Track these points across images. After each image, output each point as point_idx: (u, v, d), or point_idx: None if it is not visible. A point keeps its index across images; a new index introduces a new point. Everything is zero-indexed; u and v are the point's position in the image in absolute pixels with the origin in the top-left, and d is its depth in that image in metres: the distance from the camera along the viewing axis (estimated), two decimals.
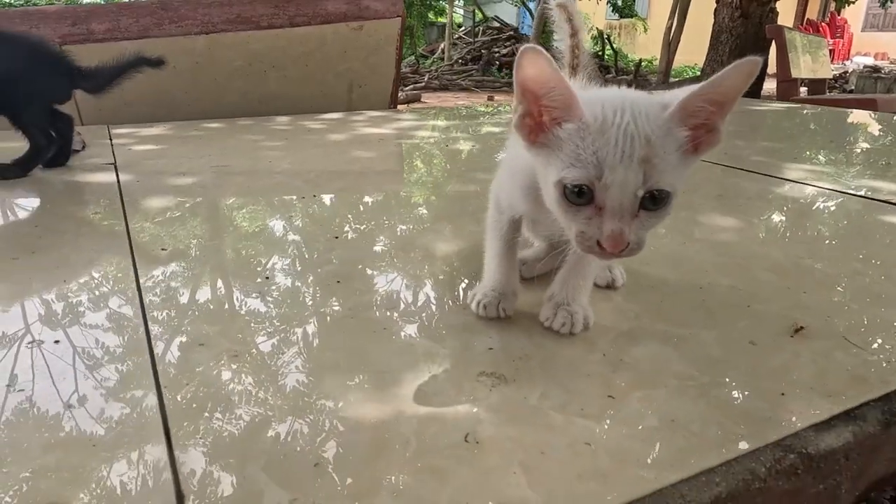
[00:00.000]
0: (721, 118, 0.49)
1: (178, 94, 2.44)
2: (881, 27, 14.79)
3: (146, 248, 0.90)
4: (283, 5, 2.42)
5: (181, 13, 2.35)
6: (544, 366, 0.58)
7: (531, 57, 0.47)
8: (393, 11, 2.55)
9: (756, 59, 0.45)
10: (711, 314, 0.68)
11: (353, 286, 0.75)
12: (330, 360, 0.59)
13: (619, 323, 0.66)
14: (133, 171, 1.37)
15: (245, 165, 1.45)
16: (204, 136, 1.84)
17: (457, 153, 1.62)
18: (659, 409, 0.51)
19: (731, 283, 0.76)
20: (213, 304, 0.72)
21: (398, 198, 1.19)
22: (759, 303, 0.71)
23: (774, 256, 0.85)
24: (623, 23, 13.56)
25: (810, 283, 0.77)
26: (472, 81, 9.13)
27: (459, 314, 0.68)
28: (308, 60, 2.52)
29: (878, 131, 2.14)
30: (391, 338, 0.63)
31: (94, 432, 0.48)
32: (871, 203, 1.14)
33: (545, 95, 0.49)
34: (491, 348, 0.61)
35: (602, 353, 0.60)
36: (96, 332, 0.64)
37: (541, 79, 0.48)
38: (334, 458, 0.45)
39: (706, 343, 0.62)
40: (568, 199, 0.49)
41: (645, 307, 0.69)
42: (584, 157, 0.47)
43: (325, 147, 1.68)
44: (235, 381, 0.55)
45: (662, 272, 0.79)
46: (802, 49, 4.28)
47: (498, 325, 0.65)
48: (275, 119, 2.14)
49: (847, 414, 0.51)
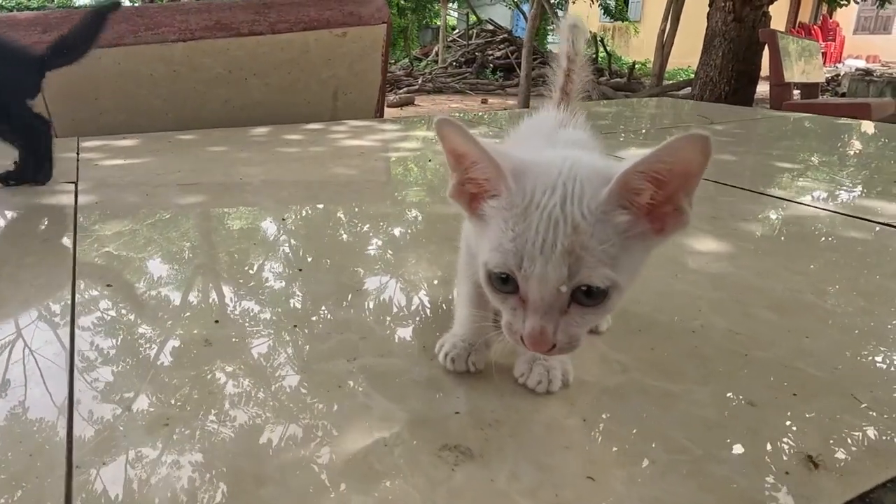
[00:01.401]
0: (684, 196, 0.41)
1: (157, 102, 2.36)
2: (872, 30, 14.86)
3: (91, 282, 0.82)
4: (263, 11, 2.35)
5: (158, 20, 2.27)
6: (517, 434, 0.51)
7: (446, 130, 0.41)
8: (378, 17, 2.48)
9: (705, 136, 0.37)
10: (706, 364, 0.61)
11: (311, 331, 0.68)
12: (267, 426, 0.52)
13: (603, 377, 0.59)
14: (94, 191, 1.29)
15: (215, 181, 1.38)
16: (177, 149, 1.77)
17: (440, 168, 1.55)
18: (646, 494, 0.44)
19: (727, 326, 0.69)
20: (151, 359, 0.64)
21: (373, 221, 1.12)
22: (759, 349, 0.64)
23: (773, 290, 0.79)
24: (617, 25, 13.56)
25: (813, 323, 0.70)
26: (466, 84, 9.08)
27: (426, 366, 0.61)
28: (291, 68, 2.44)
29: (882, 145, 2.08)
30: (345, 397, 0.56)
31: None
32: (875, 227, 1.08)
33: (469, 168, 0.43)
34: (457, 412, 0.54)
35: (582, 416, 0.53)
36: (9, 404, 0.57)
37: (460, 151, 0.42)
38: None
39: (700, 403, 0.55)
40: (493, 285, 0.43)
41: (633, 356, 0.62)
42: (504, 244, 0.41)
43: (303, 161, 1.61)
44: (165, 449, 0.48)
45: (653, 311, 0.72)
46: (795, 53, 4.24)
47: (467, 382, 0.58)
48: (253, 130, 2.07)
49: (862, 500, 0.44)
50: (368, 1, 2.47)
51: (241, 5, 2.36)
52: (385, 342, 0.66)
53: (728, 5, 4.84)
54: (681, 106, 3.01)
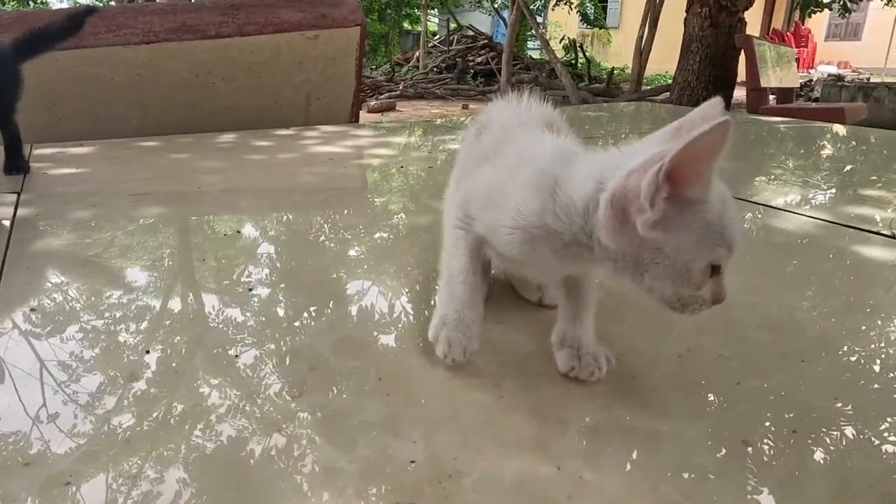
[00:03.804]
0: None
1: (120, 107, 2.25)
2: (843, 37, 15.23)
3: (13, 307, 0.73)
4: (231, 13, 2.26)
5: (119, 21, 2.17)
6: (481, 489, 0.44)
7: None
8: (351, 20, 2.40)
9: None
10: (695, 396, 0.55)
11: (250, 365, 0.60)
12: (188, 492, 0.44)
13: (583, 413, 0.52)
14: (38, 202, 1.19)
15: (171, 190, 1.29)
16: (135, 157, 1.67)
17: (412, 176, 1.48)
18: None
19: (717, 349, 0.63)
20: (66, 409, 0.56)
21: (335, 231, 1.04)
22: (751, 377, 0.58)
23: (766, 308, 0.73)
24: (596, 31, 13.67)
25: (809, 345, 0.65)
26: (447, 89, 9.04)
27: (382, 401, 0.54)
28: (261, 71, 2.36)
29: (873, 151, 2.07)
30: (284, 445, 0.48)
31: None
32: (870, 237, 1.03)
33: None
34: (413, 461, 0.46)
35: (557, 465, 0.46)
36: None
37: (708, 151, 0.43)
38: None
39: (689, 444, 0.49)
40: (704, 274, 0.46)
41: (615, 388, 0.56)
42: (725, 237, 0.45)
43: (269, 168, 1.52)
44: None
45: (637, 334, 0.66)
46: (771, 59, 4.27)
47: (428, 420, 0.51)
48: (220, 136, 1.97)
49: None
50: (341, 2, 2.40)
51: (208, 7, 2.27)
52: (335, 376, 0.58)
53: (704, 11, 4.88)
54: (659, 110, 2.99)
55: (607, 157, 0.49)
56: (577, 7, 10.92)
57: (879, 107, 5.59)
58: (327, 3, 2.39)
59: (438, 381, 0.57)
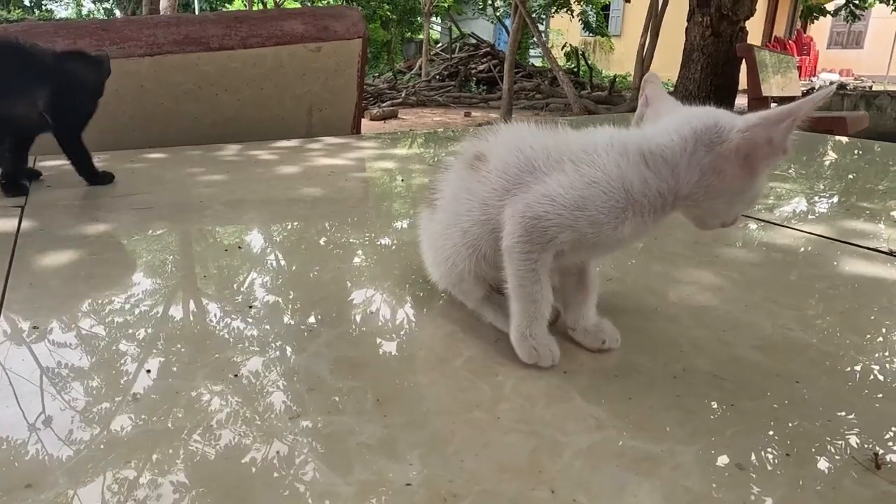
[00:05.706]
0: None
1: (124, 119, 2.27)
2: (845, 44, 15.26)
3: (14, 323, 0.74)
4: (234, 25, 2.28)
5: (124, 34, 2.19)
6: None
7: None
8: (353, 32, 2.43)
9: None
10: (689, 418, 0.56)
11: (246, 382, 0.61)
12: None
13: (576, 437, 0.53)
14: (41, 216, 1.21)
15: (173, 204, 1.30)
16: (141, 169, 1.69)
17: (413, 190, 1.49)
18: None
19: (711, 370, 0.63)
20: (65, 418, 0.56)
21: (337, 245, 1.05)
22: (745, 399, 0.58)
23: (760, 327, 0.73)
24: (599, 39, 13.74)
25: (804, 366, 0.65)
26: (449, 97, 9.09)
27: (378, 422, 0.54)
28: (264, 83, 2.38)
29: (877, 163, 2.08)
30: (281, 467, 0.49)
31: None
32: (869, 255, 1.04)
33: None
34: (409, 484, 0.47)
35: (552, 488, 0.47)
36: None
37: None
38: None
39: (683, 468, 0.49)
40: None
41: (608, 408, 0.56)
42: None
43: (270, 182, 1.54)
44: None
45: (633, 351, 0.66)
46: (772, 67, 4.29)
47: (425, 442, 0.51)
48: (224, 148, 1.99)
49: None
50: (343, 15, 2.42)
51: (211, 19, 2.30)
52: (331, 394, 0.59)
53: (706, 20, 4.90)
54: None
55: (659, 125, 0.60)
56: (579, 15, 10.98)
57: (881, 115, 5.60)
58: (330, 16, 2.41)
59: (436, 402, 0.58)
